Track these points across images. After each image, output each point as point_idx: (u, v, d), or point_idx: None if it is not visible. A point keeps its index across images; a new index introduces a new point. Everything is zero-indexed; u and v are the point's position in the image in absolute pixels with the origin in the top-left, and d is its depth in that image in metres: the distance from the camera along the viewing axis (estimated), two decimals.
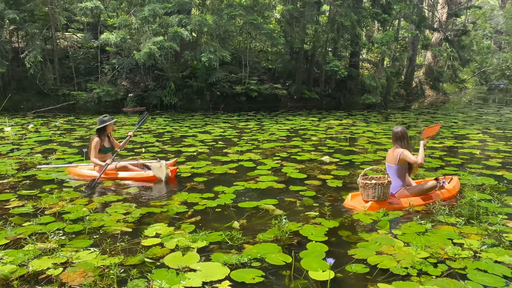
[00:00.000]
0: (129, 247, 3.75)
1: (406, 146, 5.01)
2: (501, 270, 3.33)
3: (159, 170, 6.10)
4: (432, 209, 4.76)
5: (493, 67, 34.33)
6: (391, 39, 16.55)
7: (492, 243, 3.84)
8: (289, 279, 3.25)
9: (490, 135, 10.53)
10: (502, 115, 15.44)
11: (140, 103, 15.99)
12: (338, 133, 10.73)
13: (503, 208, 4.79)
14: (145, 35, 13.79)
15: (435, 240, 3.86)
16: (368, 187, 4.76)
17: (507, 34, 37.48)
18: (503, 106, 19.59)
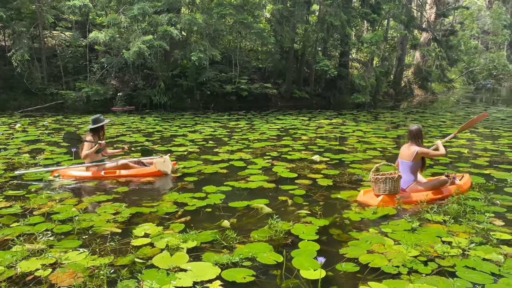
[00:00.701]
0: (119, 247, 3.72)
1: (421, 143, 5.18)
2: (489, 268, 3.37)
3: (164, 164, 6.17)
4: (420, 207, 4.81)
5: (480, 67, 34.76)
6: (380, 39, 16.66)
7: (480, 241, 3.89)
8: (280, 279, 3.25)
9: (478, 134, 10.65)
10: (489, 114, 15.63)
11: (130, 102, 15.88)
12: (328, 132, 10.77)
13: (491, 207, 4.85)
14: (134, 33, 13.70)
15: (424, 238, 3.89)
16: (379, 181, 4.94)
17: (494, 35, 38.00)
18: (490, 106, 19.84)
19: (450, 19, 28.63)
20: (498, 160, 7.52)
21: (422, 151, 5.10)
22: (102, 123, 6.28)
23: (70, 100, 15.03)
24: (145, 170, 6.34)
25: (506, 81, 38.88)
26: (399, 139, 9.99)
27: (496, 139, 9.75)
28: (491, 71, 35.80)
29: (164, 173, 6.23)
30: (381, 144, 9.05)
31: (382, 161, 7.34)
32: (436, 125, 12.40)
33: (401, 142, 9.59)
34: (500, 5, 43.79)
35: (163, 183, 6.02)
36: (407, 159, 5.18)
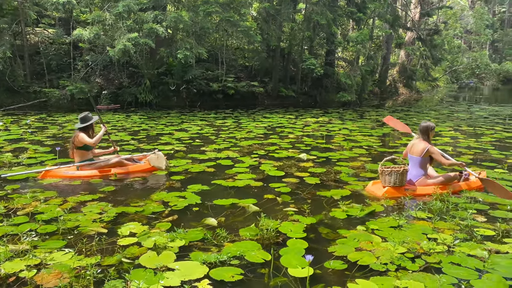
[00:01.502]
0: (105, 247, 3.68)
1: (428, 140, 5.40)
2: (473, 263, 3.42)
3: (157, 160, 6.17)
4: (405, 204, 4.87)
5: (464, 66, 35.33)
6: (366, 37, 16.79)
7: (464, 237, 3.95)
8: (268, 277, 3.25)
9: (462, 132, 10.82)
10: (472, 112, 15.90)
11: (115, 101, 15.71)
12: (315, 130, 10.82)
13: (473, 204, 4.92)
14: (119, 31, 13.54)
15: (411, 235, 3.94)
16: (385, 174, 5.17)
17: (476, 34, 38.65)
18: (473, 104, 20.17)
19: (434, 19, 29.01)
20: (481, 158, 7.66)
21: (432, 150, 5.29)
22: (91, 122, 6.19)
23: (53, 98, 14.80)
24: (140, 167, 6.30)
25: (488, 80, 39.60)
26: (385, 137, 10.09)
27: (479, 137, 9.92)
28: (474, 70, 36.42)
29: (158, 169, 6.23)
30: (367, 142, 9.13)
31: (368, 159, 7.41)
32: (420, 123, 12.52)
33: (387, 140, 9.69)
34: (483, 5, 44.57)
35: (150, 182, 5.96)
36: (417, 155, 5.37)
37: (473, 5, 44.60)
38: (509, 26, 51.76)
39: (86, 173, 6.11)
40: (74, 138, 6.14)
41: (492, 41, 46.49)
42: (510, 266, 3.37)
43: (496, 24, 49.67)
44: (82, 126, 6.13)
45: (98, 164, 6.23)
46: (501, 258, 3.53)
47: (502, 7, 53.38)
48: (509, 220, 4.44)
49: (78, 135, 6.08)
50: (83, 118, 6.18)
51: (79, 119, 6.23)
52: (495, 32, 46.89)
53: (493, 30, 44.48)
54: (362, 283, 3.13)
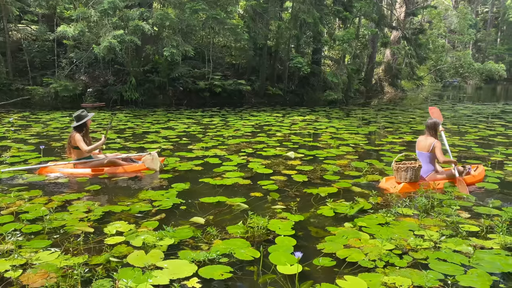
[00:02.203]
0: (93, 246, 3.64)
1: (435, 136, 5.63)
2: (459, 259, 3.48)
3: (152, 162, 6.13)
4: (390, 201, 4.92)
5: (447, 65, 35.82)
6: (352, 36, 16.90)
7: (450, 233, 4.01)
8: (257, 274, 3.25)
9: (446, 130, 10.96)
10: (456, 111, 16.14)
11: (100, 99, 15.53)
12: (302, 129, 10.85)
13: (457, 201, 4.99)
14: (104, 28, 13.37)
15: (398, 232, 3.98)
16: (401, 170, 5.35)
17: (459, 34, 39.18)
18: (457, 103, 20.48)
19: (419, 18, 29.35)
20: (466, 155, 7.78)
21: (437, 147, 5.49)
22: (86, 119, 6.14)
23: (37, 96, 14.58)
24: (134, 167, 6.25)
25: (472, 79, 40.24)
26: (371, 135, 10.18)
27: (463, 135, 10.08)
28: (457, 69, 36.99)
29: (152, 170, 6.17)
30: (353, 140, 9.19)
31: (355, 157, 7.47)
32: (406, 121, 12.69)
33: (372, 138, 9.78)
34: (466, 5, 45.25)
35: (137, 180, 5.91)
36: (425, 150, 5.61)
37: (457, 5, 45.27)
38: (491, 26, 52.76)
39: (81, 171, 6.09)
40: (70, 138, 6.11)
41: (475, 40, 47.30)
42: (494, 261, 3.44)
43: (479, 24, 50.59)
44: (76, 125, 6.09)
45: (93, 162, 6.19)
46: (485, 253, 3.59)
47: (485, 7, 54.35)
48: (492, 216, 4.52)
49: (75, 136, 6.04)
50: (78, 117, 6.14)
51: (74, 117, 6.19)
52: (478, 32, 47.73)
53: (476, 30, 45.24)
54: (351, 279, 3.16)
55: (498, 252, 3.60)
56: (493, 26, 53.50)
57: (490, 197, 5.24)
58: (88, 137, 6.28)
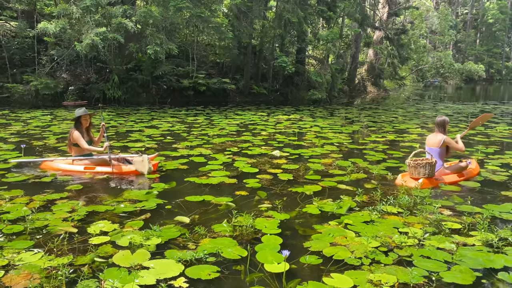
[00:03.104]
0: (78, 246, 3.58)
1: (444, 132, 5.90)
2: (442, 256, 3.54)
3: (141, 164, 6.00)
4: (375, 199, 4.97)
5: (429, 65, 36.39)
6: (336, 36, 17.04)
7: (434, 231, 4.07)
8: (244, 273, 3.25)
9: (428, 129, 11.15)
10: (437, 110, 16.41)
11: (82, 97, 15.31)
12: (287, 128, 10.89)
13: (439, 200, 5.07)
14: (87, 25, 13.17)
15: (383, 230, 4.02)
16: (420, 166, 5.57)
17: (440, 34, 39.87)
18: (438, 102, 20.82)
19: (401, 19, 29.74)
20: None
21: (448, 140, 5.82)
22: (80, 114, 6.09)
23: (17, 94, 14.28)
24: (124, 169, 6.14)
25: (452, 79, 40.98)
26: (354, 134, 10.28)
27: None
28: (438, 69, 37.63)
29: (140, 173, 6.04)
30: (337, 139, 9.27)
31: (339, 155, 7.53)
32: (388, 120, 12.85)
33: (356, 137, 9.87)
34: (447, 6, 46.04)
35: (122, 180, 5.84)
36: (435, 146, 5.87)
37: (438, 6, 46.03)
38: (471, 28, 53.82)
39: (77, 168, 6.10)
40: (69, 135, 6.11)
41: (455, 41, 48.20)
42: (476, 257, 3.51)
43: (459, 25, 51.54)
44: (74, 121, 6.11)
45: (88, 160, 6.16)
46: (468, 250, 3.66)
47: (464, 8, 55.40)
48: (474, 213, 4.61)
49: (73, 133, 6.04)
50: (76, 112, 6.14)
51: None
52: (458, 33, 48.63)
53: (456, 31, 46.10)
54: (337, 277, 3.18)
55: (480, 249, 3.68)
56: (473, 28, 54.60)
57: (472, 195, 5.35)
58: (89, 134, 6.27)
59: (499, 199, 5.24)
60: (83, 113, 6.12)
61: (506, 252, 3.62)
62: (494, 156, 7.37)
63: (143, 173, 6.02)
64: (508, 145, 8.87)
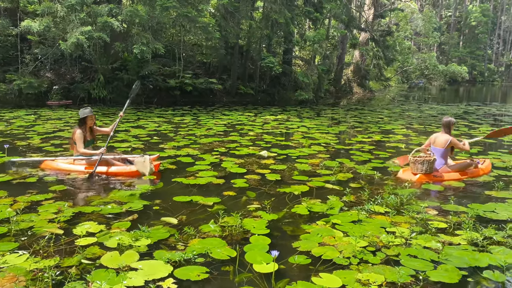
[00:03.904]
0: (64, 247, 3.53)
1: (449, 132, 6.15)
2: (429, 255, 3.58)
3: (143, 165, 5.92)
4: (363, 199, 5.02)
5: (413, 66, 36.85)
6: (323, 37, 17.14)
7: (420, 230, 4.13)
8: (233, 274, 3.25)
9: (413, 130, 11.29)
10: (422, 111, 16.63)
11: (66, 96, 15.10)
12: (274, 128, 10.91)
13: (425, 201, 5.13)
14: (71, 24, 12.99)
15: (370, 229, 4.06)
16: (418, 162, 5.89)
17: (425, 36, 40.44)
18: (422, 103, 21.10)
19: (386, 21, 30.05)
20: None
21: (454, 141, 6.08)
22: (84, 116, 6.03)
23: None
24: (125, 169, 6.07)
25: (436, 80, 41.61)
26: (341, 135, 10.35)
27: (430, 135, 10.35)
28: (423, 70, 38.14)
29: (141, 174, 5.95)
30: (324, 139, 9.32)
31: (326, 155, 7.58)
32: (374, 121, 12.98)
33: (342, 138, 9.94)
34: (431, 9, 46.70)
35: (109, 180, 5.78)
36: (440, 146, 6.12)
37: (422, 8, 46.67)
38: (454, 30, 54.69)
39: (78, 168, 6.06)
40: (72, 133, 6.09)
41: (439, 43, 48.93)
42: (462, 256, 3.56)
43: (443, 28, 52.33)
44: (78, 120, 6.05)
45: (89, 160, 6.08)
46: (454, 249, 3.72)
47: (448, 11, 56.28)
48: (459, 212, 4.69)
49: (75, 132, 6.00)
50: (80, 112, 6.08)
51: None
52: (442, 35, 49.37)
53: (440, 33, 46.79)
54: (326, 277, 3.20)
55: (466, 248, 3.74)
56: (456, 30, 55.51)
57: (456, 195, 5.43)
58: (93, 134, 6.22)
59: (484, 198, 5.34)
60: (89, 113, 6.06)
61: (491, 251, 3.69)
62: (478, 156, 7.48)
63: (144, 173, 5.92)
64: (491, 146, 9.03)
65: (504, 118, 15.14)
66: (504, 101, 25.56)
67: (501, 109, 18.84)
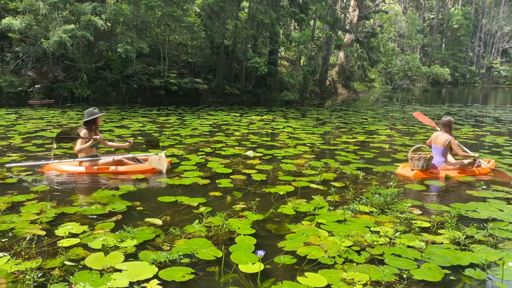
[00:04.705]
0: (47, 249, 3.47)
1: (450, 132, 6.38)
2: (413, 254, 3.63)
3: (159, 162, 5.97)
4: (347, 199, 5.05)
5: (397, 68, 37.31)
6: (308, 38, 17.22)
7: (404, 229, 4.17)
8: (219, 274, 3.24)
9: (397, 130, 11.43)
10: (405, 112, 16.84)
11: (48, 95, 14.86)
12: (260, 128, 10.92)
13: (409, 200, 5.19)
14: (54, 22, 12.80)
15: (355, 229, 4.09)
16: (415, 159, 6.19)
17: (408, 38, 40.99)
18: (406, 104, 21.37)
19: (371, 22, 30.37)
20: None
21: (452, 142, 6.29)
22: (95, 116, 5.97)
23: None
24: (140, 167, 6.08)
25: (419, 82, 42.21)
26: (326, 135, 10.41)
27: (413, 135, 10.53)
28: (406, 72, 38.62)
29: (158, 171, 6.00)
30: (310, 140, 9.36)
31: (312, 156, 7.61)
32: (359, 122, 13.09)
33: (327, 138, 10.00)
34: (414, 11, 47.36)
35: (91, 180, 5.71)
36: (440, 145, 6.39)
37: (406, 10, 47.31)
38: (437, 32, 55.57)
39: (84, 169, 5.97)
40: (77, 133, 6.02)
41: (422, 45, 49.64)
42: (445, 255, 3.61)
43: (426, 30, 53.13)
44: (85, 121, 5.98)
45: (97, 161, 6.04)
46: (436, 248, 3.77)
47: (431, 13, 57.15)
48: (442, 211, 4.76)
49: (81, 132, 5.93)
50: (87, 113, 6.01)
51: (84, 113, 6.08)
52: (425, 37, 50.10)
53: (423, 35, 47.47)
54: (311, 276, 3.21)
55: (448, 247, 3.80)
56: (439, 32, 56.41)
57: (439, 194, 5.52)
58: (96, 133, 6.15)
59: (465, 198, 5.43)
60: (98, 113, 6.02)
61: (472, 249, 3.76)
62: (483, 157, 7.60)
63: (161, 171, 5.98)
64: (472, 147, 9.19)
65: (485, 119, 15.43)
66: (485, 102, 26.07)
67: (482, 111, 19.20)
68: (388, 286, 3.11)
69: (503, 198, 5.37)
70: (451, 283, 3.25)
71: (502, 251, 3.73)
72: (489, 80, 59.72)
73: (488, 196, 5.43)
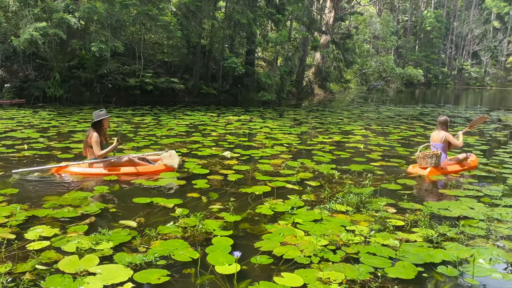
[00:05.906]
0: (17, 253, 3.36)
1: (446, 130, 6.80)
2: (387, 252, 3.69)
3: (171, 159, 6.02)
4: (323, 198, 5.10)
5: (372, 69, 37.89)
6: (285, 39, 17.29)
7: (379, 228, 4.24)
8: (195, 276, 3.21)
9: (372, 130, 11.61)
10: (380, 113, 17.12)
11: (19, 95, 14.44)
12: (237, 128, 10.90)
13: (384, 198, 5.28)
14: (25, 19, 12.44)
15: (331, 228, 4.13)
16: (427, 157, 6.55)
17: (383, 40, 41.70)
18: (380, 105, 21.73)
19: (346, 24, 30.77)
20: (389, 154, 8.27)
21: (448, 137, 6.72)
22: (102, 118, 5.89)
23: None
24: (152, 167, 6.03)
25: (393, 82, 42.99)
26: (303, 135, 10.48)
27: (387, 135, 10.72)
28: (381, 73, 39.29)
29: (171, 168, 6.02)
30: (287, 140, 9.40)
31: (289, 156, 7.65)
32: (335, 122, 13.24)
33: (304, 138, 10.07)
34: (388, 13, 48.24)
35: (63, 180, 5.57)
36: (438, 142, 6.77)
37: (380, 12, 48.13)
38: (410, 34, 56.72)
39: (96, 171, 5.86)
40: (87, 136, 5.89)
41: (397, 47, 50.59)
42: (418, 253, 3.69)
43: (400, 32, 54.19)
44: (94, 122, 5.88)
45: (109, 162, 5.92)
46: (410, 246, 3.84)
47: (405, 16, 58.33)
48: (415, 210, 4.86)
49: (92, 136, 5.81)
50: (96, 114, 5.94)
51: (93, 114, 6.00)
52: (399, 38, 51.07)
53: (397, 36, 48.39)
54: (288, 276, 3.22)
55: (422, 245, 3.88)
56: (412, 34, 57.57)
57: (412, 194, 5.63)
58: (105, 137, 6.06)
59: (438, 196, 5.56)
60: (105, 115, 5.93)
61: (445, 247, 3.85)
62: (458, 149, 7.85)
63: (174, 167, 6.02)
64: None
65: (456, 119, 15.84)
66: (456, 103, 26.79)
67: (454, 111, 19.71)
68: (363, 285, 3.15)
69: (474, 196, 5.52)
70: (424, 280, 3.32)
71: (473, 248, 3.84)
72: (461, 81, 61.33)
73: (460, 195, 5.57)
